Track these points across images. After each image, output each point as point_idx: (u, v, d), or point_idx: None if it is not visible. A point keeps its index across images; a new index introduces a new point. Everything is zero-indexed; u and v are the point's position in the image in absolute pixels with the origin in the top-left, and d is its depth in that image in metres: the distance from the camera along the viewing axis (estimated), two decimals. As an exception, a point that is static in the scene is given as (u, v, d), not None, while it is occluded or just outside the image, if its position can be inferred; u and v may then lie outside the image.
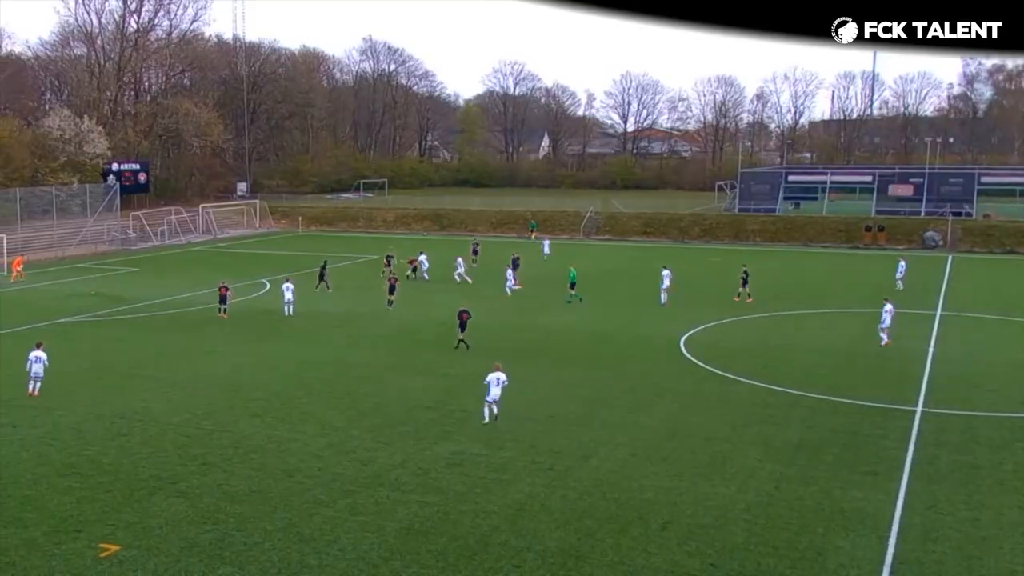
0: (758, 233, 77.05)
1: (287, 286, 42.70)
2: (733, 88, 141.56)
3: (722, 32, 5.90)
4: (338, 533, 18.04)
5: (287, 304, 42.18)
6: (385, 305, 43.64)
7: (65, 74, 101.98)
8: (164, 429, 24.83)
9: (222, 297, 42.34)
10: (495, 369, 25.69)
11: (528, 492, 20.21)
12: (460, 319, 34.64)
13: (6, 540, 17.68)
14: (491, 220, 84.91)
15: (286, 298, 42.23)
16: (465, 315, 34.69)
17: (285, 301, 42.25)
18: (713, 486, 20.58)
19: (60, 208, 72.00)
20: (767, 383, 29.70)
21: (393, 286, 44.55)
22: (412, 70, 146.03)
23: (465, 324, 34.50)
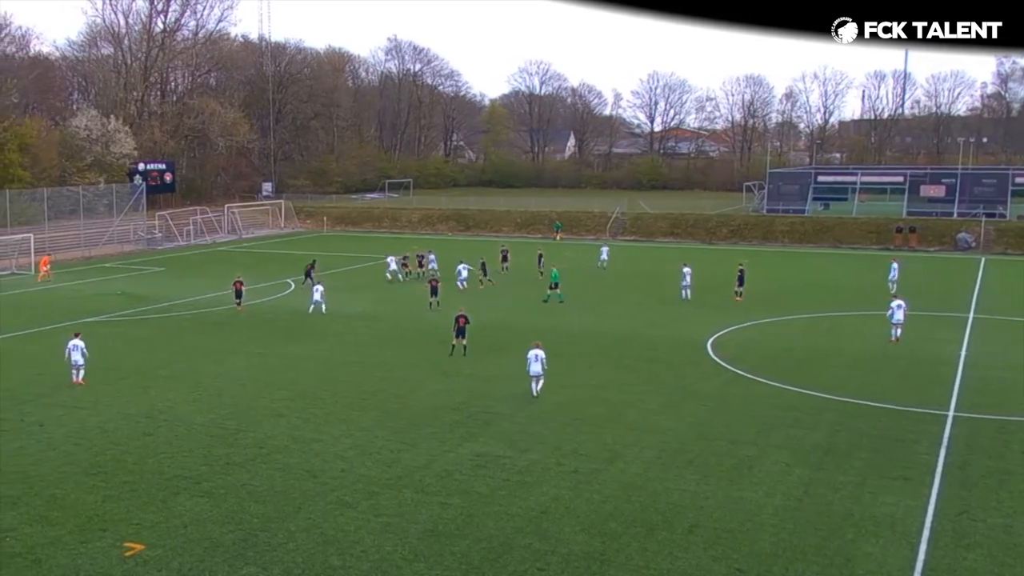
0: (786, 234, 76.60)
1: (317, 287, 43.63)
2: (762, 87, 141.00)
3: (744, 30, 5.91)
4: (361, 534, 18.10)
5: (315, 303, 42.75)
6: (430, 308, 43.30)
7: (92, 74, 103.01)
8: (189, 429, 25.03)
9: (237, 292, 44.51)
10: (535, 347, 28.29)
11: (553, 495, 20.19)
12: (458, 324, 34.04)
13: (32, 538, 17.89)
14: (516, 221, 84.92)
15: (314, 298, 42.93)
16: (463, 320, 34.07)
17: (313, 300, 42.92)
18: (740, 490, 20.48)
19: (87, 208, 72.74)
20: (795, 386, 29.52)
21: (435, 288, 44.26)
22: (437, 70, 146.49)
23: (463, 329, 33.79)
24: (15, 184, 71.73)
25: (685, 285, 46.81)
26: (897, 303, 36.84)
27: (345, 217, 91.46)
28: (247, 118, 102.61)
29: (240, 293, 44.48)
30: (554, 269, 48.96)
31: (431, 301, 43.47)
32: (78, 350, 29.80)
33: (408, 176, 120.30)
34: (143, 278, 56.37)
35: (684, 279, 47.02)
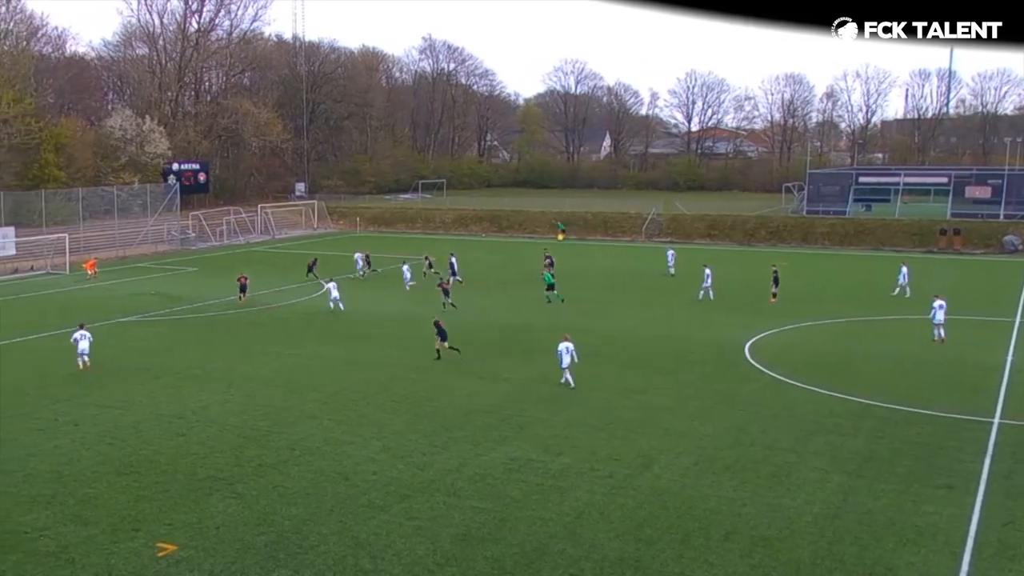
0: (827, 236, 75.91)
1: (332, 285, 44.68)
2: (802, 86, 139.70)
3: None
4: (393, 538, 18.18)
5: (334, 301, 43.73)
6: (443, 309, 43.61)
7: (127, 74, 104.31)
8: (221, 429, 25.27)
9: (242, 286, 47.00)
10: (564, 339, 29.86)
11: (586, 500, 20.16)
12: (437, 327, 34.23)
13: (66, 537, 18.16)
14: (551, 222, 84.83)
15: (332, 295, 43.99)
16: (440, 323, 34.49)
17: (332, 299, 43.89)
18: (778, 497, 20.33)
19: (121, 208, 73.67)
20: (835, 391, 29.25)
21: (446, 289, 44.81)
22: (471, 69, 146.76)
23: (444, 332, 33.95)
24: (51, 184, 72.83)
25: (706, 287, 47.08)
26: (939, 303, 36.89)
27: (378, 218, 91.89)
28: (280, 118, 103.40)
29: (244, 287, 46.84)
30: (546, 273, 49.15)
31: (444, 302, 43.82)
32: (85, 339, 32.48)
33: (442, 176, 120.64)
34: (177, 278, 57.00)
35: (705, 280, 47.32)
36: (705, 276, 47.49)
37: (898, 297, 47.27)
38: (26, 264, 61.03)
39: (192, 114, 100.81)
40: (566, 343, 29.85)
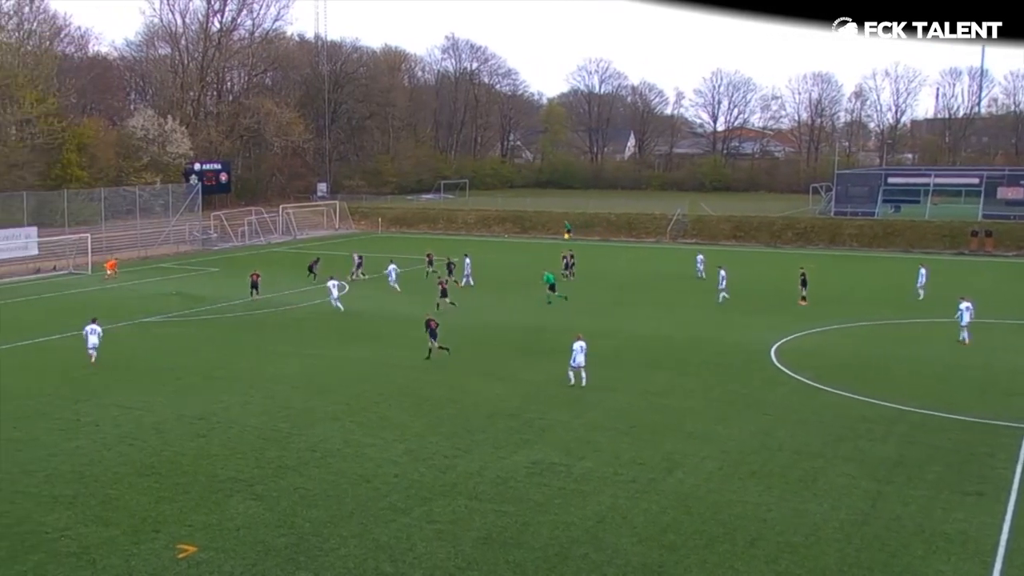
0: (855, 238, 75.44)
1: (332, 284, 45.13)
2: (830, 85, 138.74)
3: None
4: (414, 541, 18.22)
5: (334, 300, 44.31)
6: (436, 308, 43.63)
7: (149, 74, 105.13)
8: (242, 431, 25.41)
9: (253, 283, 48.20)
10: (577, 339, 30.32)
11: (609, 504, 20.13)
12: (428, 327, 34.49)
13: (87, 538, 18.31)
14: (574, 222, 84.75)
15: (332, 295, 44.47)
16: (433, 323, 34.67)
17: (332, 298, 44.40)
18: (804, 502, 20.22)
19: (143, 208, 74.25)
20: (863, 395, 29.05)
21: (444, 289, 45.22)
22: (494, 68, 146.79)
23: (435, 332, 34.29)
24: (73, 184, 73.52)
25: (721, 288, 46.95)
26: (965, 305, 37.06)
27: (400, 218, 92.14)
28: (302, 118, 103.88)
29: (256, 284, 48.06)
30: (547, 272, 49.17)
31: (438, 302, 43.97)
32: (95, 334, 33.68)
33: (464, 177, 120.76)
34: (199, 278, 57.37)
35: (720, 282, 47.20)
36: (720, 278, 47.39)
37: (917, 300, 46.85)
38: (48, 264, 61.62)
39: (214, 114, 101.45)
40: (580, 342, 30.30)
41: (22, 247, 62.33)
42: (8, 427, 25.80)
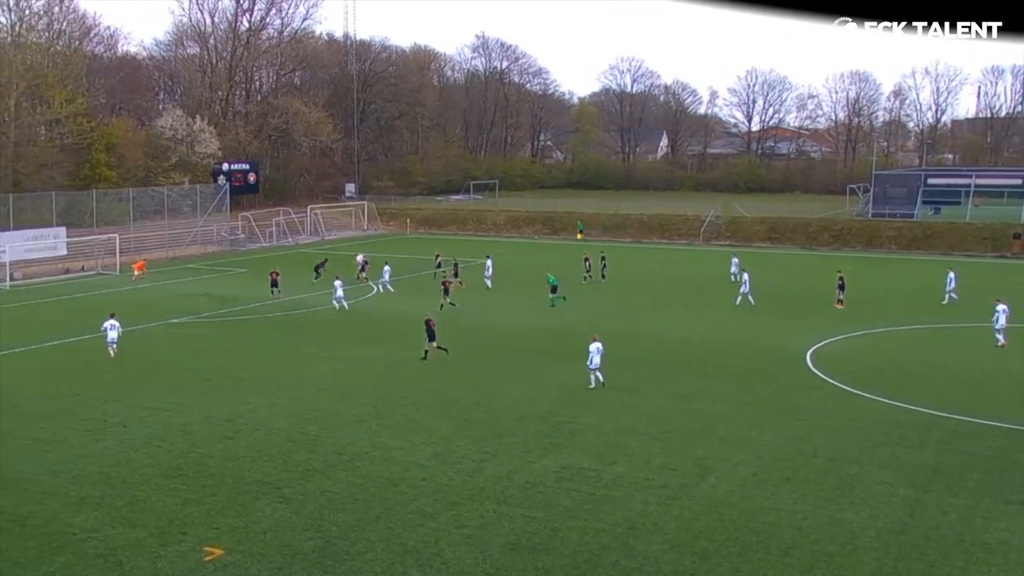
0: (893, 240, 74.73)
1: (337, 284, 45.98)
2: (868, 84, 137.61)
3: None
4: (442, 546, 18.23)
5: (337, 300, 45.06)
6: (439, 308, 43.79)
7: (178, 74, 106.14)
8: (269, 433, 25.56)
9: (273, 281, 49.29)
10: (593, 339, 30.55)
11: (640, 510, 20.05)
12: (427, 327, 34.80)
13: (114, 540, 18.49)
14: (605, 223, 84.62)
15: (336, 295, 45.23)
16: (432, 323, 34.98)
17: (336, 298, 45.19)
18: (840, 510, 20.04)
19: (171, 208, 74.93)
20: (901, 401, 28.77)
21: (447, 288, 45.76)
22: (525, 67, 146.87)
23: (433, 332, 34.58)
24: (101, 184, 74.33)
25: (744, 292, 46.66)
26: (1002, 307, 37.13)
27: (429, 219, 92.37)
28: (331, 118, 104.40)
29: (276, 282, 49.14)
30: (549, 274, 49.18)
31: (442, 302, 44.53)
32: (115, 329, 35.02)
33: (494, 177, 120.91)
34: (226, 279, 57.80)
35: (743, 285, 46.91)
36: (743, 281, 47.17)
37: (948, 304, 46.40)
38: (77, 264, 62.33)
39: (242, 114, 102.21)
40: (596, 343, 30.47)
41: (51, 247, 63.09)
42: (36, 427, 26.12)
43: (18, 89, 70.37)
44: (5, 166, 69.43)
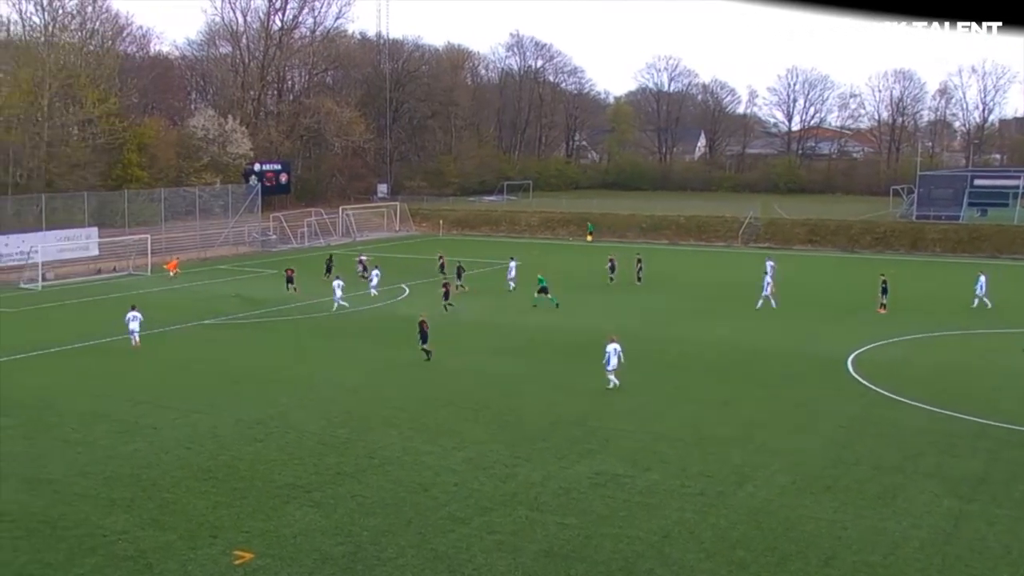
0: (938, 243, 73.90)
1: (337, 284, 47.23)
2: (912, 83, 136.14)
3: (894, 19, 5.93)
4: (474, 552, 18.25)
5: (337, 301, 46.11)
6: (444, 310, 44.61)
7: (210, 73, 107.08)
8: (300, 436, 25.72)
9: (288, 278, 51.76)
10: (611, 340, 30.81)
11: (676, 518, 19.97)
12: (421, 328, 35.14)
13: (144, 542, 18.68)
14: (641, 225, 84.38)
15: (336, 295, 46.24)
16: (425, 325, 35.30)
17: (335, 298, 46.16)
18: (882, 520, 19.84)
19: (202, 209, 75.59)
20: (946, 409, 28.44)
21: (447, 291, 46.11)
22: (560, 66, 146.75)
23: (426, 334, 34.96)
24: (133, 184, 75.15)
25: (766, 295, 46.41)
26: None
27: (462, 220, 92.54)
28: (363, 117, 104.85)
29: (291, 279, 51.61)
30: (539, 276, 49.41)
31: (445, 304, 45.17)
32: (136, 320, 37.57)
33: (527, 177, 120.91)
34: (257, 280, 58.25)
35: (765, 288, 46.64)
36: (765, 284, 46.75)
37: (979, 309, 45.79)
38: (108, 265, 63.06)
39: (274, 113, 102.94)
40: (613, 344, 30.73)
41: (83, 247, 63.90)
42: (67, 428, 26.47)
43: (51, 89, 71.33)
44: (38, 166, 70.40)
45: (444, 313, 43.85)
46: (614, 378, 30.50)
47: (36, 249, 57.83)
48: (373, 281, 51.59)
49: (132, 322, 37.54)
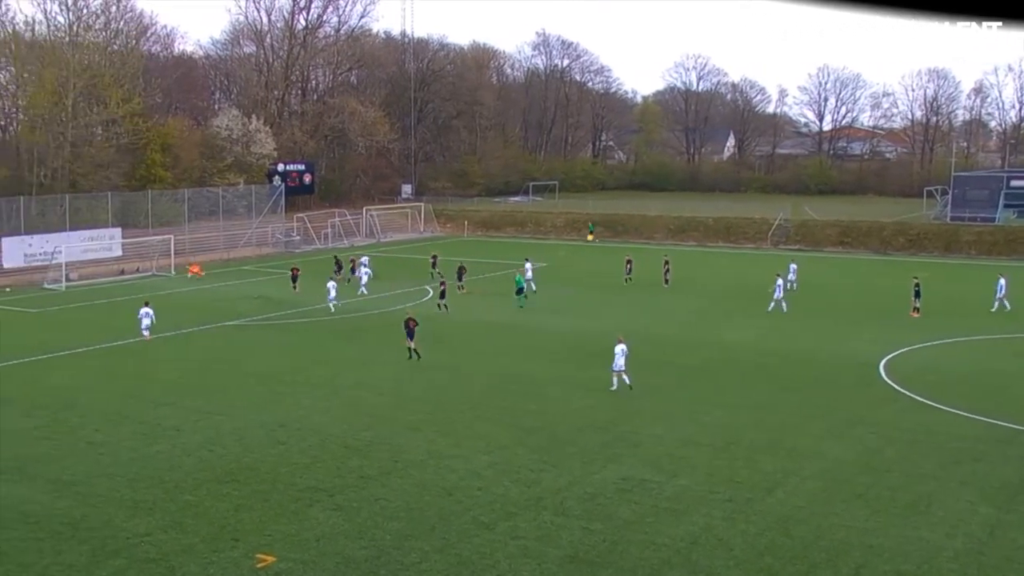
0: (973, 245, 73.23)
1: (331, 285, 47.82)
2: (947, 82, 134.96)
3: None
4: (498, 557, 18.24)
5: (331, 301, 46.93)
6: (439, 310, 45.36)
7: (234, 73, 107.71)
8: (323, 439, 25.81)
9: (294, 276, 53.44)
10: (618, 341, 31.25)
11: (704, 524, 19.88)
12: (407, 327, 35.63)
13: (167, 545, 18.80)
14: (669, 227, 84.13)
15: (331, 295, 47.07)
16: (412, 323, 35.79)
17: (330, 299, 46.94)
18: (915, 529, 19.67)
19: (226, 209, 76.05)
20: (981, 415, 28.15)
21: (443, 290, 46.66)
22: (586, 65, 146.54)
23: (412, 332, 35.47)
24: (157, 184, 75.72)
25: (777, 298, 46.10)
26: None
27: (487, 221, 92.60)
28: (387, 117, 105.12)
29: (295, 278, 53.13)
30: (518, 274, 50.29)
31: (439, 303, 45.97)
32: (148, 316, 39.88)
33: (553, 178, 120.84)
34: (281, 282, 58.42)
35: (776, 291, 46.27)
36: (776, 287, 46.54)
37: (998, 312, 45.34)
38: (132, 265, 63.56)
39: (298, 113, 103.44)
40: (621, 345, 31.11)
41: (107, 248, 64.44)
42: (91, 430, 26.70)
43: (76, 89, 71.96)
44: (62, 166, 71.07)
45: (440, 313, 44.85)
46: (626, 378, 30.77)
47: (60, 249, 58.39)
48: (363, 278, 52.72)
49: (144, 318, 39.77)
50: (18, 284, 56.69)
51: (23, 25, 75.36)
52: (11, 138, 79.30)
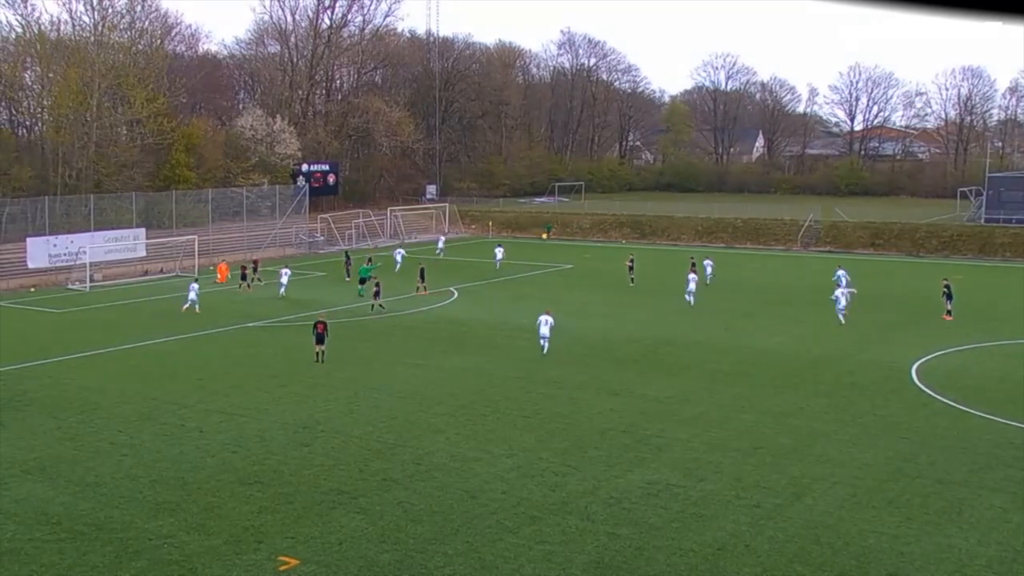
0: (1008, 247, 72.56)
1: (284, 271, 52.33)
2: (982, 80, 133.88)
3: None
4: (522, 562, 18.26)
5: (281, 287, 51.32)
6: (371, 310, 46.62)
7: (258, 73, 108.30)
8: (346, 441, 25.92)
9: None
10: (545, 312, 37.06)
11: (731, 530, 19.81)
12: (316, 330, 36.05)
13: (189, 547, 18.94)
14: (697, 228, 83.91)
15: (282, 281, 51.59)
16: (320, 326, 36.07)
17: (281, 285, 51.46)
18: (947, 536, 19.52)
19: (250, 210, 76.48)
20: (1014, 420, 27.91)
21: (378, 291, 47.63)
22: (613, 64, 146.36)
23: (322, 336, 35.77)
24: (181, 185, 76.20)
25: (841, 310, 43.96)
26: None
27: (512, 222, 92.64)
28: (412, 117, 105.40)
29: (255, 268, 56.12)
30: (363, 265, 52.97)
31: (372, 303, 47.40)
32: (193, 291, 46.61)
33: (580, 179, 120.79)
34: (304, 283, 58.72)
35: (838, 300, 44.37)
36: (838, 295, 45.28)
37: None
38: (156, 266, 64.05)
39: (322, 113, 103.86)
40: (545, 316, 36.81)
41: (130, 248, 64.94)
42: (114, 431, 26.93)
43: (100, 89, 72.59)
44: (87, 166, 71.68)
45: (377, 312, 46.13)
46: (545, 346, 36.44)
47: (84, 250, 58.94)
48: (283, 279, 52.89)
49: (191, 292, 46.58)
50: (42, 284, 57.29)
51: (48, 25, 76.17)
52: (36, 138, 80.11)
